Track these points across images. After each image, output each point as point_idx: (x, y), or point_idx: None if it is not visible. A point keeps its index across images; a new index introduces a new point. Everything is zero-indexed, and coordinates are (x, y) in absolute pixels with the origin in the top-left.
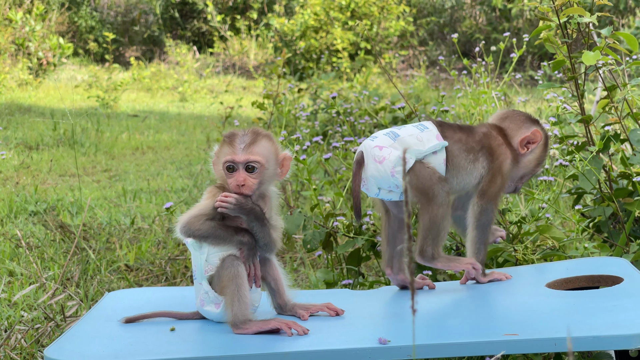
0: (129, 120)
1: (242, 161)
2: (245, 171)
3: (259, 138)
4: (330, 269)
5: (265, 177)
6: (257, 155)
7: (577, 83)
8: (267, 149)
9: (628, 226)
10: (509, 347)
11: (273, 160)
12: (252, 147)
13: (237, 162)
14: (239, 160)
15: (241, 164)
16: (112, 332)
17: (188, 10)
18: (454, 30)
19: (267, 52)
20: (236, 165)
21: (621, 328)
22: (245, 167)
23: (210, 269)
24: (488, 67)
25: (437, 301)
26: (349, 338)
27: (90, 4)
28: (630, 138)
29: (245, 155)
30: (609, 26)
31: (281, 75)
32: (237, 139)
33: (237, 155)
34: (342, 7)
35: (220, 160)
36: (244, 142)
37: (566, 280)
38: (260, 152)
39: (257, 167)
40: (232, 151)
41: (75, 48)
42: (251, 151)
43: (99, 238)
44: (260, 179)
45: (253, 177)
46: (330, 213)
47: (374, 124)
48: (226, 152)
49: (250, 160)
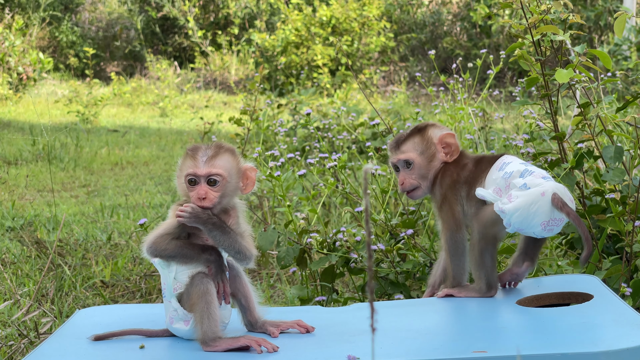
0: (108, 135)
1: (204, 174)
2: (207, 184)
3: (221, 152)
4: (304, 286)
5: (227, 191)
6: (219, 168)
7: (551, 100)
8: (229, 162)
9: (601, 243)
10: None
11: (235, 174)
12: (214, 160)
13: (199, 175)
14: (200, 174)
15: (203, 177)
16: (81, 350)
17: (169, 25)
18: (435, 46)
19: (248, 67)
20: (198, 179)
21: (589, 345)
22: (207, 180)
23: (179, 287)
24: (465, 83)
25: (407, 318)
26: (319, 355)
27: (71, 19)
28: (603, 155)
29: (207, 168)
30: (583, 44)
31: (260, 91)
32: (199, 153)
33: (199, 169)
34: (323, 23)
35: (182, 173)
36: (206, 155)
37: (537, 297)
38: (222, 166)
39: (219, 180)
40: (194, 164)
41: (55, 63)
42: (213, 164)
43: (75, 254)
44: (222, 192)
45: (214, 190)
46: (305, 229)
47: (352, 140)
48: (188, 165)
49: (212, 174)
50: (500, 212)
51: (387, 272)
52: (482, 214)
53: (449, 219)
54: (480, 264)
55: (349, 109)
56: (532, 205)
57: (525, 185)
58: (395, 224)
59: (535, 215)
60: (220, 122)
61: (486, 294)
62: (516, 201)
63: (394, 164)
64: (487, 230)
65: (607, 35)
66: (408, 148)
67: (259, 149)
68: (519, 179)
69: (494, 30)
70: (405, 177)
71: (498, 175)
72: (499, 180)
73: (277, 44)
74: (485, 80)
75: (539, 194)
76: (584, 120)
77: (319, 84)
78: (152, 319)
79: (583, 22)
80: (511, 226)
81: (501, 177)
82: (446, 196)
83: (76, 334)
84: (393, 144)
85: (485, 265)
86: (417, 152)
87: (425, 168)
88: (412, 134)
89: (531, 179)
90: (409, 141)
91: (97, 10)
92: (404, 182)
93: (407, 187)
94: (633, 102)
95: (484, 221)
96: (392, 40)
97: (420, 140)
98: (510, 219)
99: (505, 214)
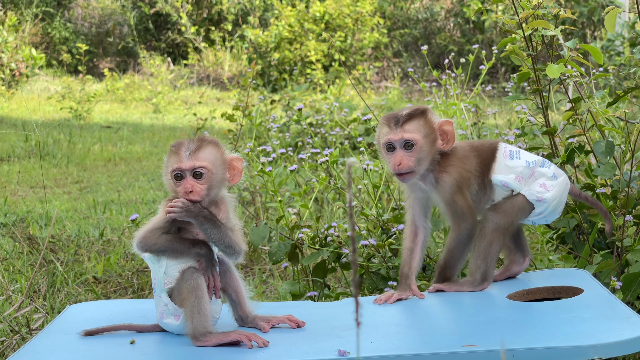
0: (101, 131)
1: (188, 168)
2: (193, 178)
3: (204, 144)
4: (296, 281)
5: (213, 182)
6: (203, 161)
7: (542, 95)
8: (212, 154)
9: (591, 238)
10: (467, 358)
11: (220, 165)
12: (197, 153)
13: (184, 170)
14: (185, 168)
15: (188, 171)
16: (72, 345)
17: (162, 21)
18: (428, 42)
19: (241, 63)
20: (183, 173)
21: (579, 339)
22: (193, 173)
23: (169, 282)
24: (458, 79)
25: (398, 313)
26: (309, 350)
27: (64, 15)
28: (595, 150)
29: (191, 162)
30: (574, 39)
31: (253, 86)
32: (182, 148)
33: (183, 163)
34: (317, 19)
35: (168, 170)
36: (189, 149)
37: (527, 291)
38: (206, 158)
39: (204, 172)
40: (178, 159)
41: (48, 59)
42: (197, 157)
43: (67, 250)
44: (209, 184)
45: (201, 183)
46: (296, 225)
47: (345, 136)
48: (173, 161)
49: (196, 167)
50: (537, 200)
51: (378, 267)
52: (507, 204)
53: (466, 211)
54: (486, 255)
55: (342, 104)
56: (563, 193)
57: (555, 175)
58: (386, 219)
59: (562, 204)
60: (213, 118)
61: (479, 286)
62: (553, 190)
63: (391, 142)
64: (512, 219)
65: (599, 31)
66: (413, 128)
67: (250, 145)
68: (546, 169)
69: (488, 26)
70: (403, 157)
71: (515, 164)
72: (519, 169)
73: (271, 40)
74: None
75: (565, 183)
76: (575, 115)
77: (312, 79)
78: (142, 314)
79: (574, 17)
80: (542, 215)
81: (523, 166)
82: (460, 188)
83: (66, 329)
84: (393, 121)
85: (490, 256)
86: (422, 135)
87: (426, 152)
88: (415, 115)
89: (555, 168)
90: (414, 122)
91: (90, 6)
92: (402, 162)
93: (404, 168)
94: (624, 96)
95: (510, 211)
96: (386, 36)
97: (424, 122)
98: (548, 207)
99: (543, 203)
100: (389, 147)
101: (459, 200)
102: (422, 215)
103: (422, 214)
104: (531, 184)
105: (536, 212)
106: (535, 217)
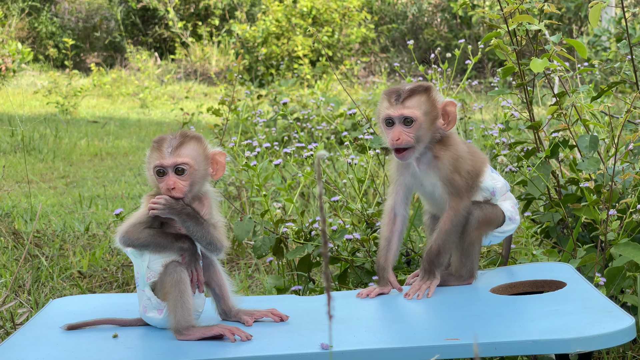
0: (88, 126)
1: (170, 164)
2: (175, 174)
3: (186, 140)
4: (281, 275)
5: (196, 178)
6: (184, 157)
7: (526, 90)
8: (194, 150)
9: (575, 232)
10: (449, 351)
11: (202, 161)
12: (179, 149)
13: (166, 166)
14: (167, 164)
15: (170, 167)
16: (54, 339)
17: (149, 16)
18: (416, 37)
19: (228, 58)
20: (165, 169)
21: (560, 332)
22: (175, 170)
23: (152, 276)
24: (444, 74)
25: (382, 306)
26: (292, 344)
27: (50, 10)
28: (579, 144)
29: (173, 158)
30: (559, 33)
31: (240, 81)
32: (164, 144)
33: (165, 159)
34: (304, 14)
35: (150, 165)
36: (171, 145)
37: (510, 285)
38: (188, 154)
39: (186, 169)
40: (160, 156)
41: (35, 54)
42: (178, 154)
43: (53, 245)
44: (191, 180)
45: (183, 179)
46: (280, 219)
47: (331, 130)
48: (155, 157)
49: (178, 163)
50: (509, 219)
51: (363, 262)
52: (490, 205)
53: (464, 190)
54: (469, 251)
55: (329, 99)
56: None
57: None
58: (371, 213)
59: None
60: (200, 113)
61: (466, 281)
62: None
63: (390, 117)
64: (492, 219)
65: (586, 26)
66: (413, 104)
67: (234, 139)
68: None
69: (475, 21)
70: (401, 133)
71: (497, 178)
72: (499, 184)
73: (258, 34)
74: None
75: None
76: (560, 110)
77: (300, 74)
78: (126, 308)
79: (558, 12)
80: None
81: (503, 182)
82: (458, 168)
83: (49, 323)
84: (394, 96)
85: (474, 253)
86: (422, 111)
87: (425, 130)
88: (417, 91)
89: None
90: (415, 98)
91: (77, 0)
92: (400, 137)
93: (402, 143)
94: (608, 91)
95: (492, 212)
96: (373, 31)
97: (426, 99)
98: (513, 229)
99: (513, 222)
100: (388, 122)
101: (458, 179)
102: (404, 202)
103: (404, 201)
104: (503, 202)
105: (503, 228)
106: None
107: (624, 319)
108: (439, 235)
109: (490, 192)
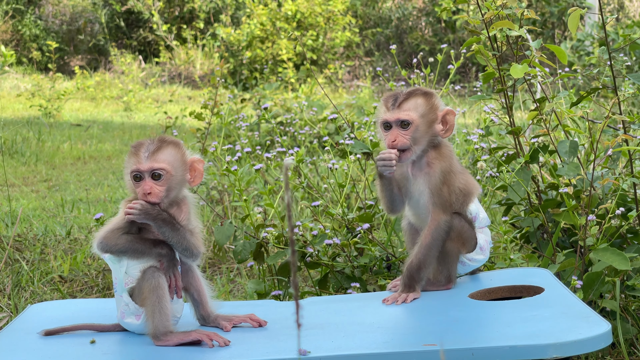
0: (71, 129)
1: (147, 169)
2: (152, 179)
3: (164, 145)
4: (262, 280)
5: (173, 184)
6: (161, 162)
7: (507, 95)
8: (172, 155)
9: (555, 237)
10: (426, 357)
11: (180, 167)
12: (156, 154)
13: (142, 171)
14: (143, 169)
15: (146, 172)
16: (31, 345)
17: (134, 19)
18: (400, 41)
19: (213, 62)
20: (142, 174)
21: (538, 338)
22: (151, 175)
23: (130, 281)
24: (427, 78)
25: (361, 312)
26: (270, 349)
27: (34, 12)
28: (559, 149)
29: (150, 163)
30: (539, 39)
31: (224, 85)
32: (142, 149)
33: (142, 164)
34: (289, 18)
35: (127, 170)
36: (148, 150)
37: (489, 290)
38: (165, 159)
39: (162, 174)
40: (137, 160)
41: (18, 57)
42: (155, 159)
43: (34, 249)
44: (168, 185)
45: (159, 184)
46: (261, 224)
47: (314, 135)
48: (132, 161)
49: (154, 168)
50: (480, 248)
51: (343, 266)
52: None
53: (449, 204)
54: (446, 259)
55: (312, 103)
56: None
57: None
58: (352, 218)
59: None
60: (184, 116)
61: (444, 286)
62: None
63: (387, 121)
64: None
65: (569, 31)
66: (409, 107)
67: (215, 143)
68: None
69: (459, 26)
70: (398, 135)
71: (482, 210)
72: (482, 214)
73: (242, 38)
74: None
75: None
76: (540, 115)
77: (284, 78)
78: (104, 313)
79: (538, 18)
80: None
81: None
82: (447, 181)
83: (27, 328)
84: (391, 100)
85: (451, 260)
86: (419, 114)
87: (422, 132)
88: (415, 95)
89: None
90: (411, 100)
91: (61, 3)
92: (397, 139)
93: (399, 144)
94: (587, 97)
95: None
96: (357, 35)
97: (424, 102)
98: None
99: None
100: (386, 126)
101: (446, 191)
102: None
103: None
104: (479, 233)
105: (472, 256)
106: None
107: (601, 325)
108: (419, 249)
109: (472, 216)
